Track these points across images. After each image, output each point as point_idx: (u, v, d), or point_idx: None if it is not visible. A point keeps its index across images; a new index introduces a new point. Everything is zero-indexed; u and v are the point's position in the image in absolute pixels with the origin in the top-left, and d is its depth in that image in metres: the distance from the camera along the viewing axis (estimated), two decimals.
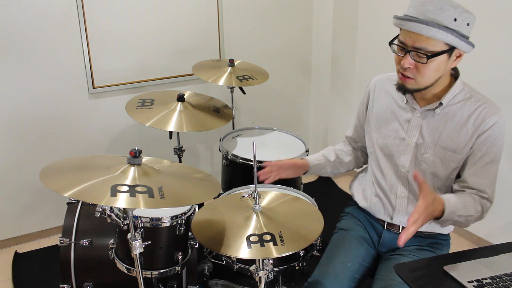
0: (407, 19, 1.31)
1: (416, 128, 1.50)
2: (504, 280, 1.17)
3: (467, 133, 1.43)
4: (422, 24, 1.27)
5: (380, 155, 1.60)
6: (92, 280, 1.80)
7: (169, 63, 2.85)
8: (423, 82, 1.38)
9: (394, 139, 1.55)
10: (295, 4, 3.18)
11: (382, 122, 1.59)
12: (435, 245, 1.59)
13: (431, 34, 1.28)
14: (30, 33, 2.44)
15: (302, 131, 3.52)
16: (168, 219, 1.59)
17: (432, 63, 1.33)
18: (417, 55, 1.33)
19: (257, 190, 1.42)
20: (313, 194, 1.96)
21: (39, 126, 2.61)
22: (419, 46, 1.32)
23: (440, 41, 1.30)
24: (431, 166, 1.49)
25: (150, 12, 2.69)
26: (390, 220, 1.60)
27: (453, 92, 1.44)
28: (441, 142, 1.46)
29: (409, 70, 1.37)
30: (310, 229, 1.39)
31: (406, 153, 1.53)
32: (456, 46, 1.32)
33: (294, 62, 3.35)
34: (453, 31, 1.29)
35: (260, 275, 1.39)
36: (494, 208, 2.50)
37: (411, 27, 1.30)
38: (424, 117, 1.49)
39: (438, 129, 1.46)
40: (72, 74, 2.60)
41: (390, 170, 1.58)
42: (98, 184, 1.21)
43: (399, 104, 1.55)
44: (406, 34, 1.34)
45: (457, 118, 1.44)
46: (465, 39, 1.33)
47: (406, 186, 1.55)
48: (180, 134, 2.49)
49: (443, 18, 1.28)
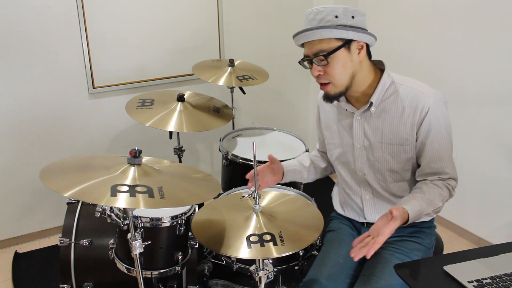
0: (296, 34, 1.42)
1: (359, 131, 1.55)
2: (504, 280, 1.17)
3: (406, 124, 1.46)
4: (308, 31, 1.38)
5: (339, 165, 1.67)
6: (92, 280, 1.80)
7: (169, 63, 2.85)
8: (339, 83, 1.44)
9: (345, 146, 1.61)
10: (295, 4, 3.18)
11: (332, 133, 1.65)
12: (416, 234, 1.59)
13: (318, 35, 1.38)
14: (30, 33, 2.44)
15: (302, 131, 3.52)
16: (168, 219, 1.59)
17: (334, 61, 1.40)
18: (319, 60, 1.41)
19: (257, 190, 1.42)
20: (313, 194, 1.96)
21: (39, 126, 2.61)
22: (315, 51, 1.40)
23: (331, 39, 1.38)
24: (383, 163, 1.53)
25: (150, 12, 2.69)
26: (364, 221, 1.66)
27: (382, 88, 1.48)
28: (385, 139, 1.51)
29: (321, 77, 1.44)
30: (310, 229, 1.39)
31: (358, 157, 1.58)
32: (345, 37, 1.38)
33: (294, 62, 3.32)
34: (337, 26, 1.37)
35: (260, 275, 1.39)
36: (494, 208, 2.51)
37: (302, 38, 1.41)
38: (363, 118, 1.53)
39: (379, 127, 1.51)
40: (72, 74, 2.61)
41: (350, 177, 1.64)
42: (98, 184, 1.21)
43: (341, 112, 1.60)
44: (305, 46, 1.45)
45: (393, 112, 1.48)
46: (353, 28, 1.38)
47: (368, 188, 1.61)
48: (180, 134, 2.49)
49: (324, 20, 1.37)
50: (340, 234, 1.68)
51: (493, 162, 2.45)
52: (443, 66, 2.61)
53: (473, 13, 2.41)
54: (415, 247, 1.55)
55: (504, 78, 2.32)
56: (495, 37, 2.33)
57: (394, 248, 1.54)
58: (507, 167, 2.40)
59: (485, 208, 2.56)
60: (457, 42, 2.52)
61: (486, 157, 2.49)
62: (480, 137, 2.49)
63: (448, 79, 2.59)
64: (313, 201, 1.86)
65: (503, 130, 2.38)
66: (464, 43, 2.48)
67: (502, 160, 2.42)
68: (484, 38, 2.38)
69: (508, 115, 2.35)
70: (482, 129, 2.47)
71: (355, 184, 1.63)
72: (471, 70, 2.48)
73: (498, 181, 2.46)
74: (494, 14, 2.31)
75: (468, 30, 2.45)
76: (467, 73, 2.50)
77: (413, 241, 1.57)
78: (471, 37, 2.44)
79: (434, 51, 2.63)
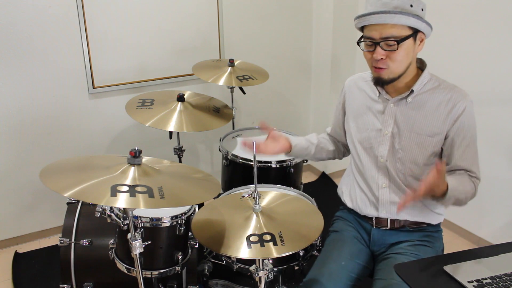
0: (370, 13, 1.39)
1: (390, 118, 1.56)
2: (504, 280, 1.17)
3: (439, 117, 1.50)
4: (385, 14, 1.36)
5: (360, 150, 1.65)
6: (92, 280, 1.80)
7: (169, 63, 2.85)
8: (396, 70, 1.45)
9: (371, 132, 1.61)
10: (295, 4, 3.18)
11: (358, 117, 1.65)
12: (427, 238, 1.60)
13: (395, 20, 1.36)
14: (30, 33, 2.44)
15: (302, 131, 3.52)
16: (168, 219, 1.59)
17: (402, 48, 1.40)
18: (387, 44, 1.41)
19: (257, 190, 1.42)
20: (313, 194, 1.96)
21: (39, 126, 2.61)
22: (386, 35, 1.39)
23: (405, 25, 1.38)
24: (408, 153, 1.55)
25: (150, 12, 2.69)
26: (376, 213, 1.62)
27: (422, 81, 1.52)
28: (415, 128, 1.53)
29: (382, 61, 1.44)
30: (310, 229, 1.39)
31: (383, 143, 1.58)
32: (419, 28, 1.40)
33: (294, 62, 3.35)
34: (413, 15, 1.37)
35: (260, 275, 1.39)
36: (494, 208, 2.51)
37: (376, 20, 1.38)
38: (397, 106, 1.55)
39: (412, 116, 1.53)
40: (72, 74, 2.61)
41: (370, 163, 1.63)
42: (98, 184, 1.21)
43: (372, 98, 1.61)
44: (371, 29, 1.42)
45: (428, 105, 1.51)
46: (424, 21, 1.41)
47: (386, 176, 1.60)
48: (180, 134, 2.49)
49: (402, 5, 1.37)
50: (343, 235, 1.67)
51: (493, 162, 2.45)
52: (443, 66, 2.61)
53: (473, 13, 2.41)
54: (427, 251, 1.57)
55: (504, 78, 2.32)
56: (495, 37, 2.33)
57: (408, 253, 1.55)
58: (507, 167, 2.40)
59: (485, 208, 2.56)
60: (457, 42, 2.52)
61: (486, 157, 2.48)
62: (480, 137, 2.47)
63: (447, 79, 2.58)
64: (313, 201, 1.85)
65: (503, 130, 2.38)
66: (464, 43, 2.48)
67: (502, 160, 2.42)
68: (484, 38, 2.38)
69: (508, 115, 2.35)
70: (482, 129, 2.45)
71: (374, 170, 1.62)
72: (471, 70, 2.48)
73: (498, 181, 2.46)
74: (494, 14, 2.31)
75: (468, 30, 2.45)
76: (467, 73, 2.50)
77: (424, 245, 1.58)
78: (471, 37, 2.44)
79: (434, 51, 2.63)
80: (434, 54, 2.65)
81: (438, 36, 2.61)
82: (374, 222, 1.64)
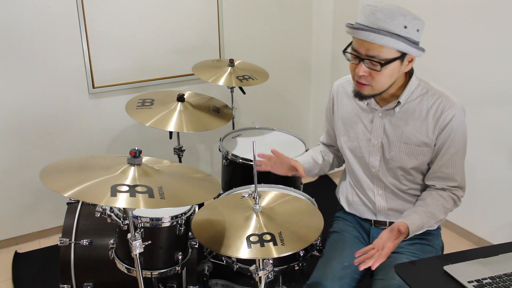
0: (359, 28, 1.33)
1: (379, 128, 1.55)
2: (504, 280, 1.17)
3: (428, 126, 1.48)
4: (374, 33, 1.30)
5: (351, 158, 1.65)
6: (92, 280, 1.80)
7: (169, 63, 2.85)
8: (378, 88, 1.43)
9: (361, 141, 1.60)
10: (295, 4, 3.18)
11: (348, 125, 1.64)
12: (425, 236, 1.60)
13: (383, 42, 1.31)
14: (30, 33, 2.44)
15: (302, 131, 3.52)
16: (168, 219, 1.59)
17: (386, 70, 1.37)
18: (371, 63, 1.36)
19: (257, 190, 1.42)
20: (313, 194, 1.96)
21: (39, 126, 2.61)
22: (372, 54, 1.34)
23: (392, 48, 1.33)
24: (398, 162, 1.54)
25: (150, 12, 2.69)
26: (375, 217, 1.65)
27: (409, 89, 1.49)
28: (404, 139, 1.51)
29: (364, 78, 1.40)
30: (310, 229, 1.39)
31: (374, 153, 1.58)
32: (408, 52, 1.36)
33: (294, 62, 3.35)
34: (404, 39, 1.32)
35: (260, 275, 1.39)
36: (494, 208, 2.51)
37: (364, 36, 1.32)
38: (385, 116, 1.53)
39: (400, 126, 1.51)
40: (72, 74, 2.60)
41: (362, 171, 1.63)
42: (98, 184, 1.21)
43: (361, 106, 1.59)
44: (359, 43, 1.36)
45: (417, 114, 1.49)
46: (416, 45, 1.36)
47: (381, 185, 1.60)
48: (180, 134, 2.49)
49: (394, 26, 1.30)
50: (344, 235, 1.67)
51: (493, 162, 2.45)
52: (443, 66, 2.61)
53: (473, 13, 2.41)
54: (427, 249, 1.57)
55: (504, 78, 2.32)
56: (495, 37, 2.33)
57: (408, 251, 1.55)
58: (507, 167, 2.40)
59: (485, 208, 2.56)
60: (457, 42, 2.52)
61: (486, 157, 2.49)
62: (480, 137, 2.49)
63: (448, 79, 2.59)
64: (313, 201, 1.85)
65: (503, 130, 2.38)
66: (464, 43, 2.48)
67: (502, 160, 2.42)
68: (484, 38, 2.38)
69: (508, 115, 2.35)
70: (482, 129, 2.47)
71: (367, 179, 1.62)
72: (471, 70, 2.48)
73: (498, 181, 2.46)
74: (494, 14, 2.31)
75: (468, 30, 2.45)
76: (467, 73, 2.50)
77: (424, 244, 1.58)
78: (471, 37, 2.44)
79: (434, 51, 2.63)
80: (434, 54, 2.65)
81: (438, 36, 2.62)
82: (373, 222, 1.66)
